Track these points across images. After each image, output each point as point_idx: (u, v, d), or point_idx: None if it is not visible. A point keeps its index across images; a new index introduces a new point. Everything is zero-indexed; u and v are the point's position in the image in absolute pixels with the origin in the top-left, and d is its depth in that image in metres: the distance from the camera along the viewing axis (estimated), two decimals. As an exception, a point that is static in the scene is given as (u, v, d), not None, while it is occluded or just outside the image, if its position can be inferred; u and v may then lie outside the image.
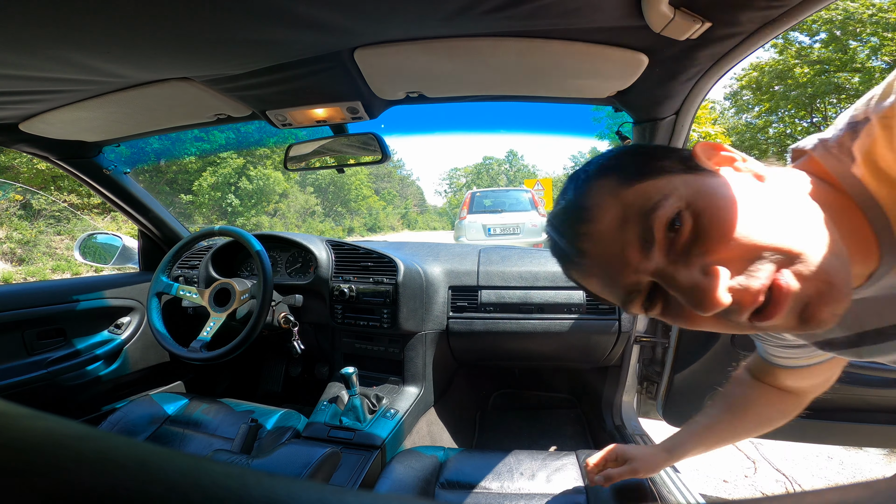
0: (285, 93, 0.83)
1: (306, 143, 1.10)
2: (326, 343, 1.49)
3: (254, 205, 15.49)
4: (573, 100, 0.90)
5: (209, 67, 0.70)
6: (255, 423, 0.95)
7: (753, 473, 1.65)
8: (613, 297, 0.38)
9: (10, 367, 1.13)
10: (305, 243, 1.37)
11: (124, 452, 0.10)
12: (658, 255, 0.34)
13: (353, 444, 1.06)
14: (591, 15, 0.57)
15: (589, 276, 0.39)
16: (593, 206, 0.36)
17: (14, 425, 0.10)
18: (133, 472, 0.10)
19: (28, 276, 7.05)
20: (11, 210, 7.91)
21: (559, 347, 1.34)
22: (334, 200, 23.67)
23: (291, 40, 0.61)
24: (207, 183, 13.91)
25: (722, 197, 0.33)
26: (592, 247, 0.36)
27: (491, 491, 0.82)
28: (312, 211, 19.82)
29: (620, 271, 0.35)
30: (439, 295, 1.35)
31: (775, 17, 0.53)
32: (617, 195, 0.35)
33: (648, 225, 0.33)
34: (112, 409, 1.28)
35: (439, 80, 0.79)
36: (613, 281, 0.37)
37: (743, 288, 0.31)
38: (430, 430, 1.35)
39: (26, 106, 0.83)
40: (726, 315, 0.32)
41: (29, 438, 0.10)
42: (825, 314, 0.31)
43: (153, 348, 1.47)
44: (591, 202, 0.36)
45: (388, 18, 0.57)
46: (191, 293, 1.23)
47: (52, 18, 0.48)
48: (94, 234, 1.63)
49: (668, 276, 0.34)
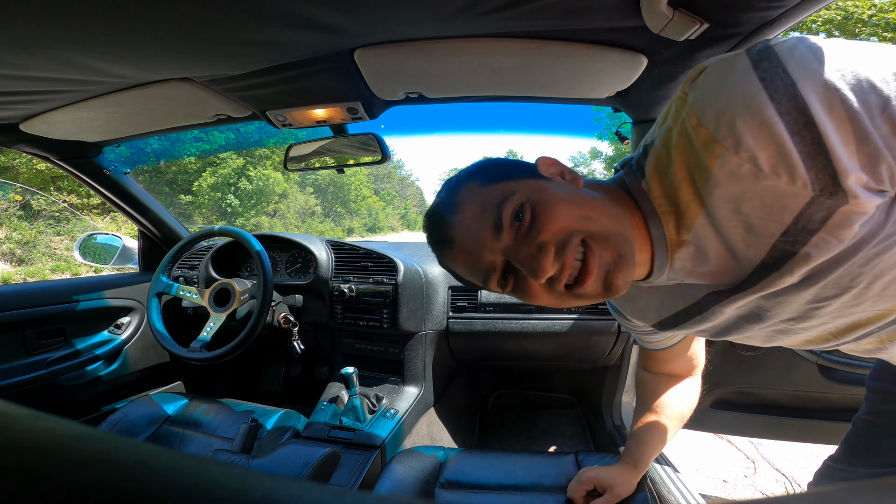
0: (285, 93, 0.83)
1: (306, 144, 1.10)
2: (326, 343, 1.49)
3: (253, 205, 15.49)
4: (573, 100, 0.90)
5: (209, 68, 0.70)
6: (255, 423, 0.94)
7: (753, 473, 1.65)
8: (476, 276, 0.48)
9: (10, 367, 1.13)
10: (305, 243, 1.37)
11: (125, 453, 0.10)
12: (506, 237, 0.44)
13: (353, 444, 1.06)
14: (590, 16, 0.57)
15: (456, 260, 0.48)
16: (460, 202, 0.46)
17: (15, 426, 0.11)
18: (134, 473, 0.10)
19: (28, 277, 7.05)
20: (11, 210, 7.91)
21: (559, 347, 1.34)
22: (334, 201, 23.66)
23: (292, 41, 0.61)
24: (207, 183, 13.91)
25: (552, 195, 0.44)
26: (459, 233, 0.46)
27: (491, 491, 0.82)
28: (312, 211, 19.82)
29: (480, 252, 0.45)
30: (439, 295, 1.35)
31: (773, 17, 0.53)
32: (478, 193, 0.46)
33: (499, 214, 0.44)
34: (112, 409, 1.28)
35: (439, 80, 0.79)
36: (475, 261, 0.46)
37: (563, 259, 0.42)
38: (430, 430, 1.35)
39: (27, 106, 0.83)
40: (552, 285, 0.43)
41: (30, 439, 0.10)
42: (619, 280, 0.42)
43: (153, 348, 1.47)
44: (459, 198, 0.47)
45: (387, 19, 0.57)
46: (191, 293, 1.23)
47: (53, 19, 0.48)
48: (94, 235, 1.63)
49: (514, 251, 0.44)
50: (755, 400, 1.29)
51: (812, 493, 0.13)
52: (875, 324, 0.44)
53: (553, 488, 0.82)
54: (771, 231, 0.38)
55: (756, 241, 0.39)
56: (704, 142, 0.37)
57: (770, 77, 0.34)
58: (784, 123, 0.33)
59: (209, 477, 0.10)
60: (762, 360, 1.22)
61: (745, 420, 1.30)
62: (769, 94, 0.33)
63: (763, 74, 0.34)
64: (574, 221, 0.42)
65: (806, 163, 0.33)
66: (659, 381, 0.77)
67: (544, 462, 0.89)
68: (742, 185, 0.36)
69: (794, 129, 0.33)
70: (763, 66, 0.34)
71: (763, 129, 0.34)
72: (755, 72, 0.35)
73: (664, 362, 0.75)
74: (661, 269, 0.46)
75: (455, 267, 0.50)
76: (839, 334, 0.47)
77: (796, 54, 0.34)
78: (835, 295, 0.41)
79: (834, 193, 0.34)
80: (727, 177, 0.36)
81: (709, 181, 0.38)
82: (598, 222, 0.43)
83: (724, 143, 0.35)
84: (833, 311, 0.43)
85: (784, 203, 0.36)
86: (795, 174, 0.34)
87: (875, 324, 0.44)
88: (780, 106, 0.33)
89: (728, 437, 1.84)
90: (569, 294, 0.43)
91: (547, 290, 0.44)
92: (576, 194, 0.45)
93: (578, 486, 0.77)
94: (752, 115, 0.34)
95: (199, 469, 0.10)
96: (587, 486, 0.77)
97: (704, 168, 0.38)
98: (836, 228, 0.35)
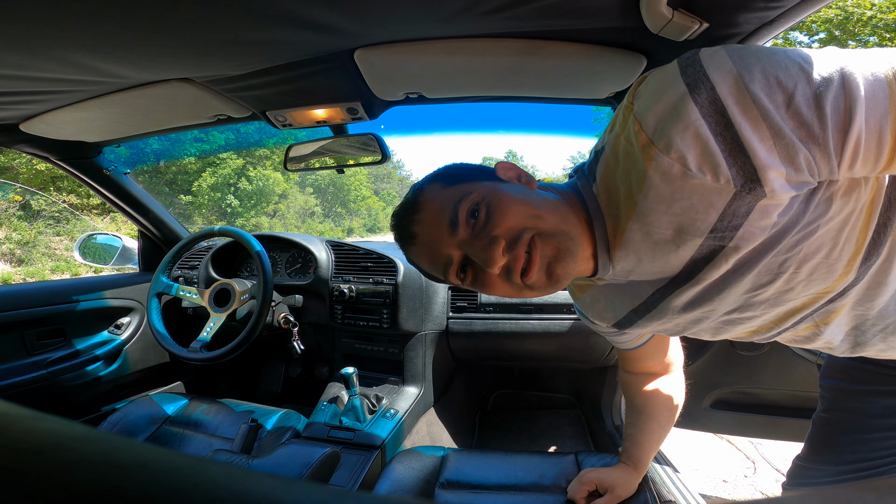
0: (285, 93, 0.83)
1: (306, 144, 1.10)
2: (326, 343, 1.49)
3: (253, 205, 15.49)
4: (572, 100, 0.90)
5: (209, 68, 0.70)
6: (255, 424, 0.94)
7: (753, 473, 1.65)
8: (436, 269, 0.52)
9: (10, 367, 1.13)
10: (305, 244, 1.37)
11: (125, 454, 0.10)
12: (462, 232, 0.48)
13: (353, 444, 1.06)
14: (590, 16, 0.57)
15: (420, 255, 0.52)
16: (423, 202, 0.51)
17: (15, 426, 0.11)
18: (134, 474, 0.10)
19: (27, 277, 7.05)
20: (11, 210, 7.91)
21: (559, 347, 1.34)
22: (334, 201, 23.66)
23: (292, 41, 0.61)
24: (207, 184, 13.91)
25: (507, 196, 0.48)
26: (420, 230, 0.50)
27: (491, 491, 0.82)
28: (312, 212, 19.82)
29: (438, 247, 0.49)
30: (439, 295, 1.35)
31: (773, 17, 0.53)
32: (439, 194, 0.50)
33: (455, 211, 0.48)
34: (112, 409, 1.28)
35: (439, 80, 0.79)
36: (435, 255, 0.50)
37: (514, 252, 0.46)
38: (430, 430, 1.35)
39: (27, 106, 0.83)
40: (509, 276, 0.47)
41: (30, 440, 0.10)
42: (560, 271, 0.46)
43: (153, 349, 1.47)
44: (422, 199, 0.51)
45: (387, 19, 0.57)
46: (191, 293, 1.23)
47: (54, 19, 0.48)
48: (94, 235, 1.63)
49: (469, 244, 0.48)
50: (755, 400, 1.29)
51: (812, 493, 0.13)
52: (809, 308, 0.47)
53: (553, 488, 0.82)
54: (700, 230, 0.40)
55: (687, 240, 0.42)
56: (643, 145, 0.40)
57: (694, 82, 0.36)
58: (707, 125, 0.36)
59: (209, 477, 0.10)
60: (762, 360, 1.22)
61: (745, 420, 1.30)
62: (693, 99, 0.36)
63: (688, 80, 0.37)
64: (525, 220, 0.46)
65: (728, 161, 0.36)
66: (640, 380, 0.79)
67: (544, 462, 0.89)
68: (673, 186, 0.39)
69: (716, 130, 0.36)
70: (689, 73, 0.37)
71: (689, 130, 0.36)
72: (682, 77, 0.37)
73: (639, 361, 0.77)
74: (604, 266, 0.50)
75: (419, 262, 0.54)
76: (780, 321, 0.50)
77: (716, 59, 0.37)
78: (769, 281, 0.44)
79: (753, 188, 0.37)
80: (660, 178, 0.39)
81: (644, 183, 0.41)
82: (546, 220, 0.47)
83: (657, 145, 0.38)
84: (771, 299, 0.46)
85: (710, 201, 0.38)
86: (719, 172, 0.37)
87: (809, 308, 0.47)
88: (703, 109, 0.36)
89: (728, 437, 1.84)
90: (523, 285, 0.48)
91: (504, 281, 0.48)
92: (529, 195, 0.49)
93: (580, 486, 0.78)
94: (679, 118, 0.37)
95: (199, 469, 0.10)
96: (589, 486, 0.77)
97: (642, 171, 0.40)
98: (757, 220, 0.38)
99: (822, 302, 0.46)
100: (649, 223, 0.43)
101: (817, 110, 0.34)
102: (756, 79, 0.35)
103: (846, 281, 0.43)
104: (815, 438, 0.76)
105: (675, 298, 0.49)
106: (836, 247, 0.41)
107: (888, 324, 0.48)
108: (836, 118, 0.34)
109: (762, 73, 0.35)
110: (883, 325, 0.48)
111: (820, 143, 0.35)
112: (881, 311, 0.47)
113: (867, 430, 0.69)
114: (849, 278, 0.43)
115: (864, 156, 0.35)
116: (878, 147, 0.34)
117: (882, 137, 0.34)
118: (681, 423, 1.34)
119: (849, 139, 0.34)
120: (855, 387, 0.70)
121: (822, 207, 0.39)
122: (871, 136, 0.34)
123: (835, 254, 0.41)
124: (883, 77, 0.34)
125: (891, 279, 0.44)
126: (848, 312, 0.48)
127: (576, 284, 0.64)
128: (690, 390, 1.28)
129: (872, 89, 0.33)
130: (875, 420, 0.68)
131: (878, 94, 0.33)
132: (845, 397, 0.72)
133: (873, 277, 0.44)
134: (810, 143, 0.35)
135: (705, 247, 0.42)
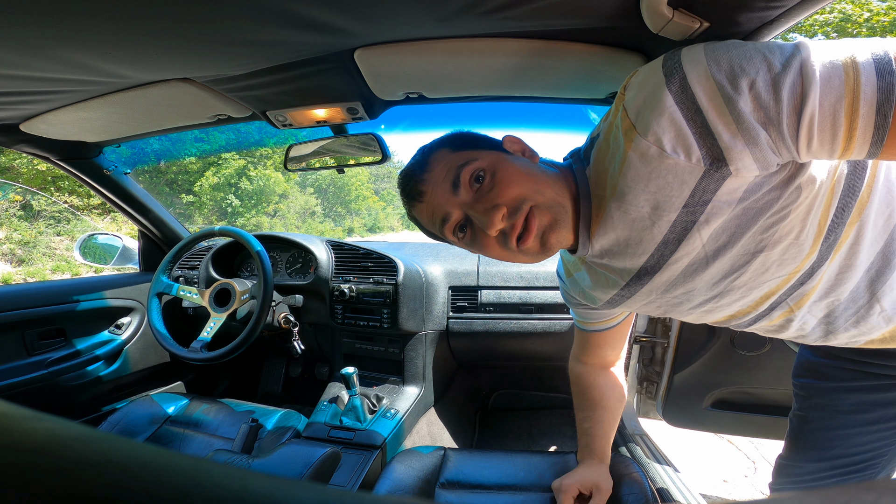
0: (285, 93, 0.83)
1: (306, 144, 1.10)
2: (326, 343, 1.49)
3: (254, 205, 15.48)
4: (572, 100, 0.90)
5: (210, 68, 0.70)
6: (256, 423, 0.94)
7: (753, 473, 1.65)
8: (434, 225, 0.56)
9: (10, 367, 1.13)
10: (305, 243, 1.38)
11: (125, 454, 0.10)
12: (464, 194, 0.52)
13: (353, 444, 1.06)
14: (590, 16, 0.57)
15: (422, 211, 0.56)
16: (431, 162, 0.55)
17: (16, 427, 0.11)
18: (134, 474, 0.10)
19: (28, 277, 7.05)
20: (11, 210, 7.91)
21: (559, 347, 1.34)
22: (334, 201, 23.66)
23: (292, 41, 0.61)
24: (209, 183, 13.90)
25: (512, 167, 0.52)
26: (427, 188, 0.54)
27: (491, 491, 0.82)
28: (312, 211, 19.81)
29: (441, 204, 0.53)
30: (439, 295, 1.35)
31: (773, 17, 0.53)
32: (446, 156, 0.54)
33: (458, 174, 0.52)
34: (112, 409, 1.28)
35: (439, 80, 0.79)
36: (436, 211, 0.54)
37: (514, 220, 0.50)
38: (430, 430, 1.35)
39: (27, 106, 0.83)
40: (505, 242, 0.51)
41: (30, 440, 0.10)
42: (553, 240, 0.51)
43: (153, 349, 1.47)
44: (430, 160, 0.55)
45: (387, 19, 0.57)
46: (191, 293, 1.23)
47: (54, 19, 0.48)
48: (95, 235, 1.63)
49: (472, 206, 0.52)
50: (755, 400, 1.29)
51: (812, 492, 0.13)
52: (783, 288, 0.51)
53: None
54: (675, 205, 0.44)
55: (663, 215, 0.46)
56: (626, 130, 0.44)
57: (670, 72, 0.41)
58: (680, 111, 0.40)
59: (209, 477, 0.10)
60: (762, 360, 1.21)
61: (745, 420, 1.30)
62: (668, 87, 0.40)
63: (667, 71, 0.41)
64: (526, 191, 0.50)
65: (698, 142, 0.41)
66: (594, 372, 0.83)
67: (544, 462, 0.89)
68: (650, 166, 0.43)
69: (687, 115, 0.40)
70: (668, 65, 0.41)
71: (664, 116, 0.41)
72: (662, 69, 0.42)
73: (599, 349, 0.81)
74: (584, 245, 0.54)
75: (420, 218, 0.58)
76: (756, 305, 0.54)
77: (691, 52, 0.41)
78: (746, 262, 0.48)
79: (720, 167, 0.41)
80: (639, 158, 0.44)
81: (625, 163, 0.45)
82: (545, 194, 0.51)
83: (638, 129, 0.43)
84: (748, 282, 0.50)
85: (683, 178, 0.43)
86: (691, 152, 0.41)
87: (783, 288, 0.51)
88: (677, 96, 0.40)
89: (728, 437, 1.84)
90: (517, 250, 0.52)
91: (499, 244, 0.52)
92: (532, 169, 0.53)
93: (564, 496, 0.76)
94: (656, 105, 0.41)
95: (199, 469, 0.10)
96: (572, 492, 0.76)
97: (624, 153, 0.45)
98: (724, 195, 0.43)
99: (793, 282, 0.50)
100: (627, 201, 0.47)
101: (775, 94, 0.37)
102: (722, 68, 0.39)
103: (812, 259, 0.47)
104: (793, 436, 0.78)
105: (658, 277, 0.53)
106: (805, 229, 0.45)
107: (859, 306, 0.51)
108: (792, 101, 0.37)
109: (728, 62, 0.39)
110: (855, 307, 0.51)
111: (775, 124, 0.38)
112: (853, 294, 0.50)
113: (843, 426, 0.70)
114: (814, 257, 0.47)
115: (820, 137, 0.38)
116: (832, 129, 0.37)
117: (836, 119, 0.36)
118: (681, 423, 1.35)
119: (802, 120, 0.37)
120: (825, 384, 0.72)
121: (794, 195, 0.43)
122: (825, 118, 0.37)
123: (803, 235, 0.45)
124: (840, 64, 0.36)
125: (860, 262, 0.48)
126: (821, 299, 0.51)
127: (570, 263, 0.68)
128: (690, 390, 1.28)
129: (828, 74, 0.36)
130: (848, 416, 0.69)
131: (833, 79, 0.36)
132: (818, 394, 0.73)
133: (843, 261, 0.48)
134: (768, 124, 0.38)
135: (678, 223, 0.46)
